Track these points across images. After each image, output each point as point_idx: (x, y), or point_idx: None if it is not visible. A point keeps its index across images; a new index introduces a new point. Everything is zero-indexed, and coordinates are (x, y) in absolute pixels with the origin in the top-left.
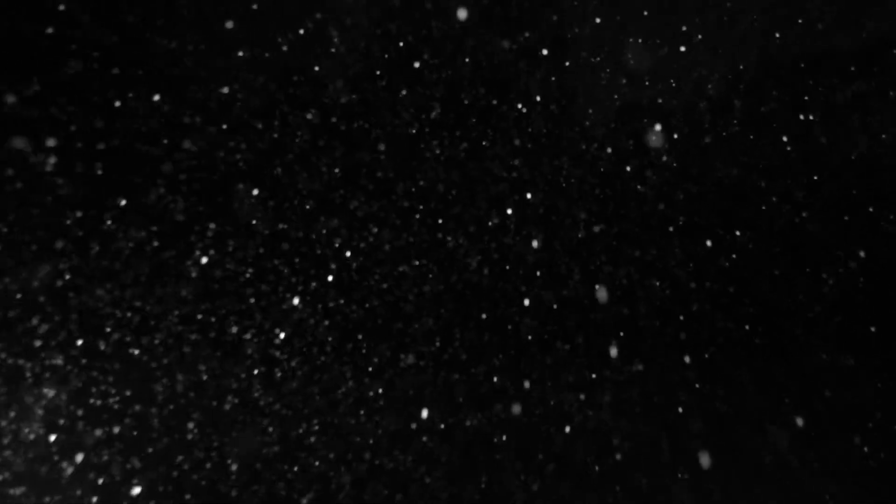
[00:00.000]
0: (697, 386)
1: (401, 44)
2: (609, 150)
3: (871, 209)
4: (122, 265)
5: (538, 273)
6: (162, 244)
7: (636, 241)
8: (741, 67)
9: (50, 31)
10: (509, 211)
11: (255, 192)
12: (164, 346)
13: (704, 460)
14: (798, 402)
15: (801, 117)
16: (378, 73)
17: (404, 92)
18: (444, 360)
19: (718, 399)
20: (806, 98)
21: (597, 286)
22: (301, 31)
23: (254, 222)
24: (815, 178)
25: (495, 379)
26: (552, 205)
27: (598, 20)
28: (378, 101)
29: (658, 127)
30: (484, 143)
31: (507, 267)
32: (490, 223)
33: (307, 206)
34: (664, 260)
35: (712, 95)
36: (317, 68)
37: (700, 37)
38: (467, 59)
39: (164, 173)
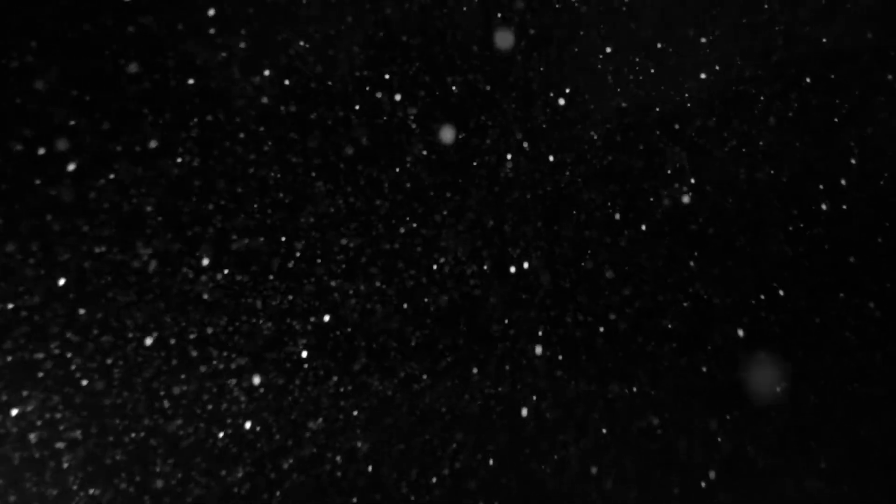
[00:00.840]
0: (715, 423)
1: (383, 23)
2: (617, 150)
3: None
4: (65, 273)
5: (537, 285)
6: (112, 250)
7: (648, 251)
8: (765, 64)
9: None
10: (506, 214)
11: (219, 191)
12: (119, 367)
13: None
14: (826, 442)
15: (830, 119)
16: (359, 57)
17: (387, 78)
18: (429, 385)
19: (739, 432)
20: (836, 98)
21: (602, 302)
22: (268, 7)
23: (217, 226)
24: (852, 185)
25: (488, 408)
26: (553, 208)
27: (606, 8)
28: (359, 89)
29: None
30: (478, 139)
31: (504, 277)
32: (485, 227)
33: (278, 208)
34: (679, 273)
35: (734, 92)
36: (288, 49)
37: (717, 31)
38: (458, 38)
39: (116, 172)
